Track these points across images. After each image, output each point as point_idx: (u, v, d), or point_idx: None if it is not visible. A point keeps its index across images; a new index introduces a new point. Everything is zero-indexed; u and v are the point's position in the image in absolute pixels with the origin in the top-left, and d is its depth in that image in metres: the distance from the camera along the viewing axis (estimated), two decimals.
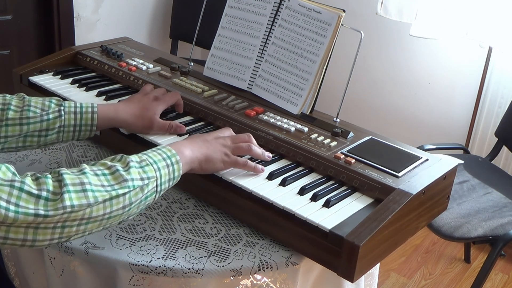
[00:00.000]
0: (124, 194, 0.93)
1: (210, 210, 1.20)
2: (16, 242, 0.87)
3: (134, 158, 0.98)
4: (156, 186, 0.99)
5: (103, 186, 0.92)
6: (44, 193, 0.86)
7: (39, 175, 0.90)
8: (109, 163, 0.96)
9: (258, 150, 1.18)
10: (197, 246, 1.09)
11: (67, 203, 0.87)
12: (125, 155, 0.99)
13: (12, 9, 2.56)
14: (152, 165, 0.98)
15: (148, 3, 3.06)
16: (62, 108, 1.18)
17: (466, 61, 2.61)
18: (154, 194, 0.99)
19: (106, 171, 0.94)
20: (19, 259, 1.19)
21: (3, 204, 0.83)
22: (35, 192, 0.86)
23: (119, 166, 0.96)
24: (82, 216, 0.89)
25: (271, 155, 1.21)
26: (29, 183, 0.86)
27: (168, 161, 1.01)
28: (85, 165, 0.95)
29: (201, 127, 1.33)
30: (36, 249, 1.13)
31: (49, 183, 0.88)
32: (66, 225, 0.89)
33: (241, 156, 1.16)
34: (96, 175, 0.93)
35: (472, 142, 2.64)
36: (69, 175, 0.90)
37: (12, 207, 0.83)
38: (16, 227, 0.85)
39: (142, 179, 0.96)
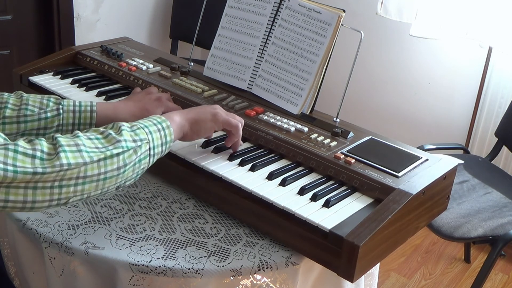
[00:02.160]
0: (118, 154, 0.95)
1: (210, 210, 1.20)
2: (16, 205, 0.88)
3: (125, 124, 1.02)
4: (149, 149, 1.01)
5: (97, 148, 0.95)
6: (38, 153, 0.89)
7: (32, 138, 0.92)
8: (102, 129, 1.00)
9: (240, 134, 1.20)
10: (197, 246, 1.09)
11: (64, 161, 0.89)
12: (116, 122, 1.02)
13: (12, 9, 2.56)
14: (143, 129, 1.01)
15: (148, 3, 3.06)
16: (60, 106, 1.18)
17: (466, 61, 2.61)
18: (148, 158, 1.01)
19: (99, 136, 0.98)
20: (19, 259, 1.19)
21: (0, 165, 0.84)
22: (30, 152, 0.88)
23: (111, 131, 0.99)
24: (77, 174, 0.91)
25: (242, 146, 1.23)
26: (22, 145, 0.89)
27: (159, 126, 1.04)
28: (78, 131, 0.98)
29: None
30: (34, 248, 1.13)
31: (43, 144, 0.91)
32: (63, 185, 0.91)
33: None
34: (90, 139, 0.96)
35: (472, 142, 2.64)
36: (63, 138, 0.93)
37: (10, 168, 0.85)
38: (15, 188, 0.87)
39: (134, 140, 0.99)
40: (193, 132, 1.13)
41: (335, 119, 1.35)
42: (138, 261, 1.03)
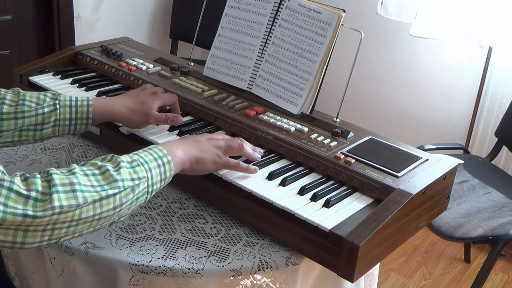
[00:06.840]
0: (114, 194, 0.92)
1: (210, 210, 1.20)
2: (5, 244, 0.85)
3: (125, 158, 0.97)
4: (148, 186, 0.97)
5: (92, 186, 0.90)
6: (33, 194, 0.85)
7: (28, 175, 0.89)
8: (99, 163, 0.95)
9: (249, 150, 1.17)
10: (197, 246, 1.09)
11: (56, 203, 0.85)
12: (116, 155, 0.98)
13: (12, 9, 2.56)
14: (143, 165, 0.97)
15: (148, 3, 3.06)
16: (57, 101, 1.17)
17: (466, 61, 2.61)
18: (146, 195, 0.98)
19: (96, 171, 0.93)
20: (19, 259, 1.19)
21: None
22: (24, 192, 0.85)
23: (109, 166, 0.94)
24: (71, 217, 0.88)
25: (262, 151, 1.20)
26: (18, 183, 0.85)
27: (160, 161, 1.00)
28: (75, 165, 0.94)
29: (201, 127, 1.33)
30: (33, 250, 1.13)
31: (38, 183, 0.87)
32: (56, 227, 0.87)
33: (234, 157, 1.15)
34: (86, 175, 0.92)
35: (472, 142, 2.64)
36: (58, 175, 0.89)
37: (0, 207, 0.82)
38: (5, 229, 0.84)
39: (133, 179, 0.94)
40: (192, 170, 1.09)
41: (335, 119, 1.35)
42: (138, 261, 1.03)
